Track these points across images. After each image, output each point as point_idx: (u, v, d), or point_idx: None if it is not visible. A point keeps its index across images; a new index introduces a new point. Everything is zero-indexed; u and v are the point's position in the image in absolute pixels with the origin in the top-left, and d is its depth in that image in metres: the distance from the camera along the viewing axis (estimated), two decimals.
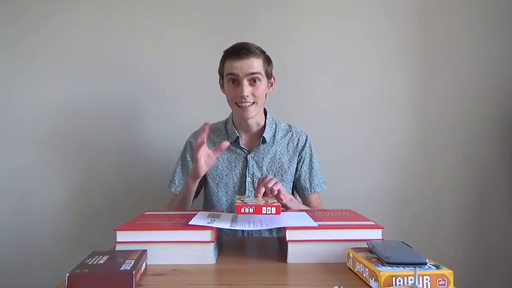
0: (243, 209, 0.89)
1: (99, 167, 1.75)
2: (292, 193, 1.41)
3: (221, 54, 1.30)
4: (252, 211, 0.89)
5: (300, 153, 1.38)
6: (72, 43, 1.74)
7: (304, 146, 1.38)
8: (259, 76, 1.24)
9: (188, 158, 1.38)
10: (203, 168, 1.14)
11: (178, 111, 1.75)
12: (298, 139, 1.39)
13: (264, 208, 0.89)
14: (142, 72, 1.75)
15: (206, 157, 1.14)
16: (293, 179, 1.38)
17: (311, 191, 1.37)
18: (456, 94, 1.76)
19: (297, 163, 1.38)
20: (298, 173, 1.38)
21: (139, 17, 1.75)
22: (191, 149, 1.38)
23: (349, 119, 1.76)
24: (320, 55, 1.76)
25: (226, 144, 1.14)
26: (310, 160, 1.39)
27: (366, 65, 1.76)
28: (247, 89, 1.22)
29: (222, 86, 1.33)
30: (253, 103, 1.25)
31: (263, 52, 1.28)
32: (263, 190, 1.08)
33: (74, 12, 1.74)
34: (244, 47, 1.23)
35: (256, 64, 1.23)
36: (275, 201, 0.98)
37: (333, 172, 1.65)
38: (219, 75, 1.33)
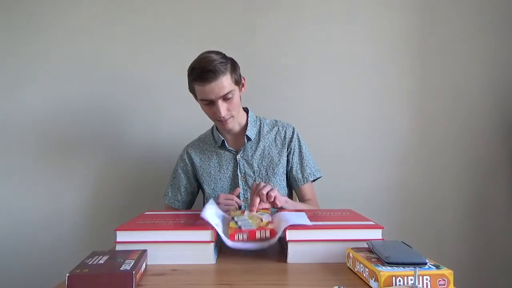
0: (237, 236, 0.87)
1: (99, 168, 1.75)
2: (289, 186, 1.42)
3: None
4: (246, 238, 0.87)
5: (288, 145, 1.38)
6: (71, 44, 1.74)
7: (291, 138, 1.39)
8: (231, 92, 1.23)
9: (180, 171, 1.43)
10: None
11: (179, 111, 1.75)
12: (285, 131, 1.39)
13: (258, 233, 0.87)
14: (143, 73, 1.75)
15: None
16: (285, 172, 1.39)
17: (304, 182, 1.38)
18: (456, 94, 1.76)
19: (287, 156, 1.38)
20: (290, 165, 1.38)
21: (139, 18, 1.74)
22: (182, 162, 1.43)
23: (349, 118, 1.76)
24: (320, 56, 1.75)
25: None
26: (300, 151, 1.39)
27: (366, 65, 1.76)
28: (223, 108, 1.23)
29: (196, 99, 1.32)
30: (231, 116, 1.27)
31: (227, 62, 1.22)
32: (258, 200, 1.06)
33: (73, 13, 1.74)
34: (209, 69, 1.17)
35: (226, 83, 1.20)
36: (270, 219, 0.96)
37: (333, 172, 1.65)
38: (191, 92, 1.31)
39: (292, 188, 1.43)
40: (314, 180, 1.41)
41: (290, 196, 1.41)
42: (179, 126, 1.74)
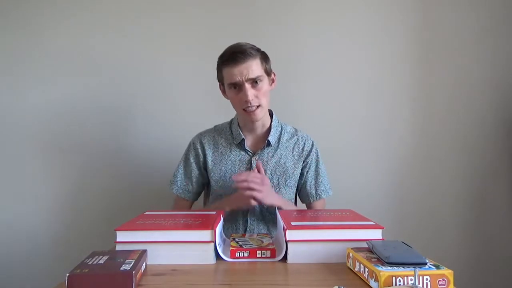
0: (238, 253, 0.88)
1: (99, 167, 1.75)
2: (296, 198, 1.40)
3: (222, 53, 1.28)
4: (246, 255, 0.88)
5: (305, 159, 1.35)
6: (72, 43, 1.74)
7: (310, 152, 1.35)
8: (260, 77, 1.21)
9: (192, 160, 1.35)
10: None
11: (178, 111, 1.75)
12: (304, 143, 1.35)
13: (259, 252, 0.88)
14: (142, 73, 1.75)
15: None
16: (296, 184, 1.36)
17: (316, 198, 1.35)
18: (456, 95, 1.76)
19: (302, 169, 1.35)
20: (304, 179, 1.35)
21: (139, 17, 1.74)
22: (194, 150, 1.36)
23: (349, 119, 1.76)
24: (320, 55, 1.75)
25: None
26: (316, 166, 1.36)
27: (366, 65, 1.76)
28: (250, 92, 1.20)
29: (223, 92, 1.31)
30: (259, 106, 1.23)
31: (258, 50, 1.25)
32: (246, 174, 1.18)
33: (74, 12, 1.74)
34: (239, 50, 1.19)
35: (254, 66, 1.20)
36: (271, 240, 0.97)
37: (333, 172, 1.64)
38: (219, 81, 1.31)
39: (303, 202, 1.40)
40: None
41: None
42: (181, 126, 1.74)
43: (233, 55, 1.20)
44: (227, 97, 1.30)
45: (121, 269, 0.68)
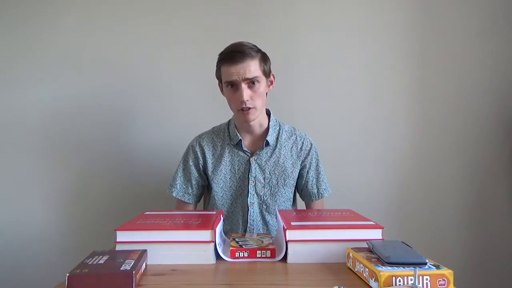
0: (238, 253, 0.88)
1: (99, 167, 1.75)
2: (294, 197, 1.40)
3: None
4: (246, 255, 0.88)
5: (304, 158, 1.35)
6: (72, 43, 1.74)
7: (309, 151, 1.35)
8: (257, 78, 1.21)
9: (191, 163, 1.35)
10: None
11: (178, 112, 1.75)
12: (302, 143, 1.35)
13: (259, 252, 0.88)
14: (142, 73, 1.75)
15: None
16: (295, 183, 1.36)
17: (318, 197, 1.36)
18: (455, 94, 1.76)
19: (302, 169, 1.35)
20: (305, 179, 1.36)
21: (139, 17, 1.74)
22: (193, 153, 1.36)
23: (349, 119, 1.76)
24: (320, 55, 1.75)
25: None
26: (317, 165, 1.37)
27: (365, 64, 1.76)
28: (246, 93, 1.19)
29: (221, 90, 1.31)
30: (254, 107, 1.22)
31: (258, 51, 1.24)
32: None
33: (74, 12, 1.74)
34: (238, 50, 1.19)
35: (252, 67, 1.19)
36: (271, 240, 0.96)
37: (333, 172, 1.64)
38: (217, 79, 1.31)
39: (304, 201, 1.40)
40: None
41: (293, 205, 1.40)
42: (181, 127, 1.74)
43: (232, 54, 1.19)
44: (224, 96, 1.30)
45: (121, 269, 0.68)
